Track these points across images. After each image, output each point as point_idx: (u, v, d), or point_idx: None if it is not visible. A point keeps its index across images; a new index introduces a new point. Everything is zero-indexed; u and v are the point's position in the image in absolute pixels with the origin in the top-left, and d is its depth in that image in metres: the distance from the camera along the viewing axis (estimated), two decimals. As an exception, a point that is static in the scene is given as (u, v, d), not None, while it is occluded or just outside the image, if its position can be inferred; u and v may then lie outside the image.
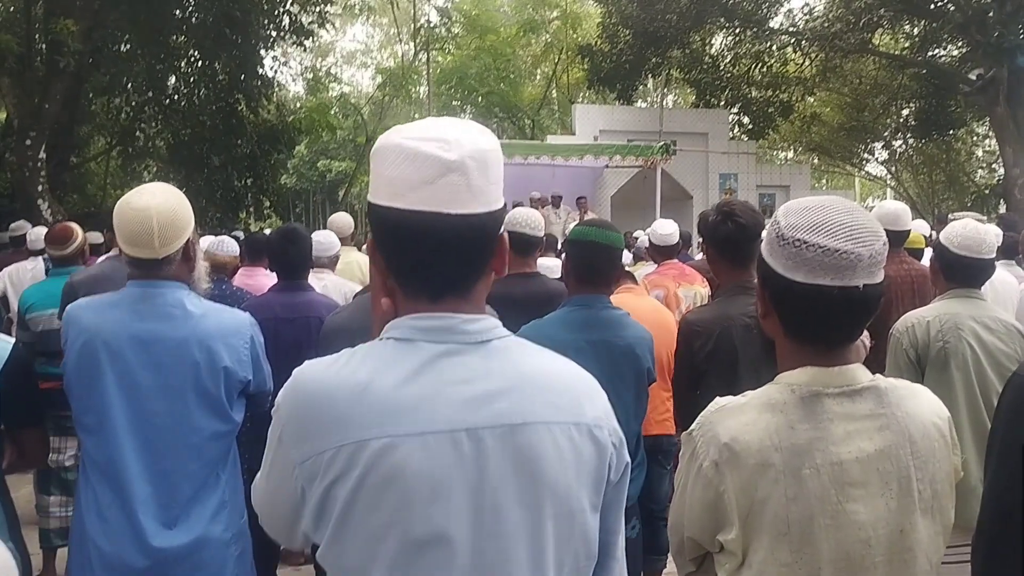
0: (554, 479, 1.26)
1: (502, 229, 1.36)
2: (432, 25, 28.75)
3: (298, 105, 28.68)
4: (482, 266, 1.33)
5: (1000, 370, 3.17)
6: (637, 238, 9.74)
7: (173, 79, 17.91)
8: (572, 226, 4.78)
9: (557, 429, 1.28)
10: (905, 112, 25.06)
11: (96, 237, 8.05)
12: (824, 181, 38.18)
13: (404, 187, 1.25)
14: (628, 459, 1.40)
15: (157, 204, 2.53)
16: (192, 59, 17.67)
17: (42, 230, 7.09)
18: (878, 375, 1.62)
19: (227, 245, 5.28)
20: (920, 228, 6.63)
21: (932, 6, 16.99)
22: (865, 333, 3.73)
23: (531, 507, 1.25)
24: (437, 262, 1.28)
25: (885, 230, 4.54)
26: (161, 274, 2.59)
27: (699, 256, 8.00)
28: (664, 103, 22.29)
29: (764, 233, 1.70)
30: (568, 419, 1.29)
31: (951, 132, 23.74)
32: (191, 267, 2.69)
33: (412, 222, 1.25)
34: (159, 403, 2.55)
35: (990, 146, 26.59)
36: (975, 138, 27.95)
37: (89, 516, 2.54)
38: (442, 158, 1.25)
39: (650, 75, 22.58)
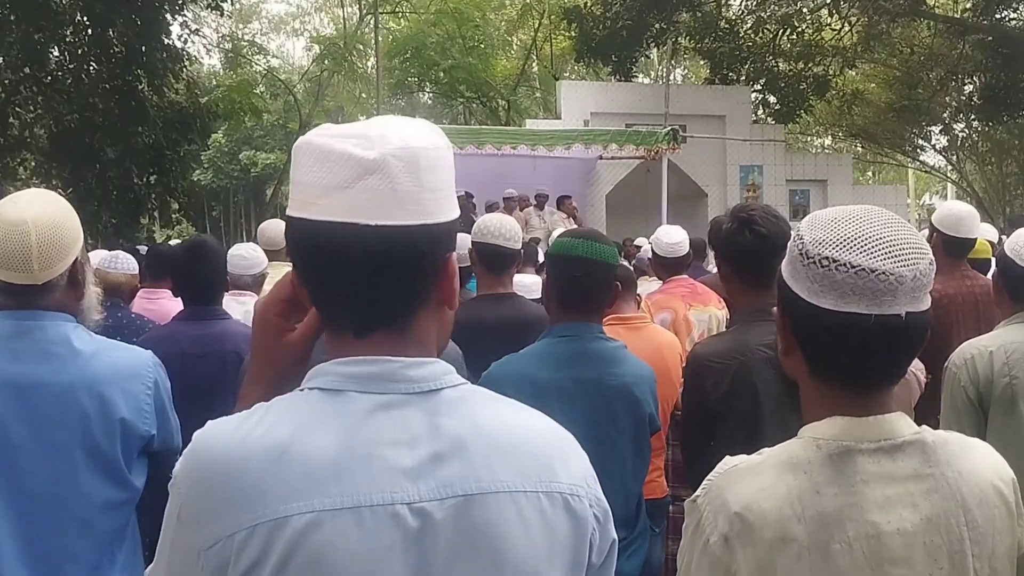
0: (519, 562, 1.27)
1: (454, 248, 1.37)
2: (382, -18, 28.86)
3: (214, 83, 28.65)
4: (418, 294, 1.33)
5: None
6: (639, 248, 9.77)
7: (56, 51, 17.82)
8: (557, 233, 4.80)
9: (523, 499, 1.28)
10: (968, 88, 25.34)
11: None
12: (870, 174, 38.58)
13: (314, 193, 1.27)
14: (614, 535, 1.41)
15: (36, 216, 2.50)
16: (80, 26, 17.59)
17: None
18: (924, 427, 1.62)
19: (123, 261, 5.26)
20: (987, 233, 6.61)
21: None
22: (919, 365, 3.79)
23: None
24: (356, 286, 1.29)
25: (947, 236, 4.59)
26: (41, 303, 2.56)
27: (715, 269, 8.04)
28: (671, 79, 22.35)
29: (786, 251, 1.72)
30: (537, 487, 1.30)
31: (1024, 113, 24.03)
32: (79, 294, 2.66)
33: (323, 235, 1.27)
34: (38, 465, 2.51)
35: (1073, 130, 26.93)
36: (1054, 120, 28.35)
37: None
38: (357, 156, 1.26)
39: (653, 44, 22.65)
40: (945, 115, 28.16)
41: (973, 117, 26.16)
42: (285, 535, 1.19)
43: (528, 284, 5.02)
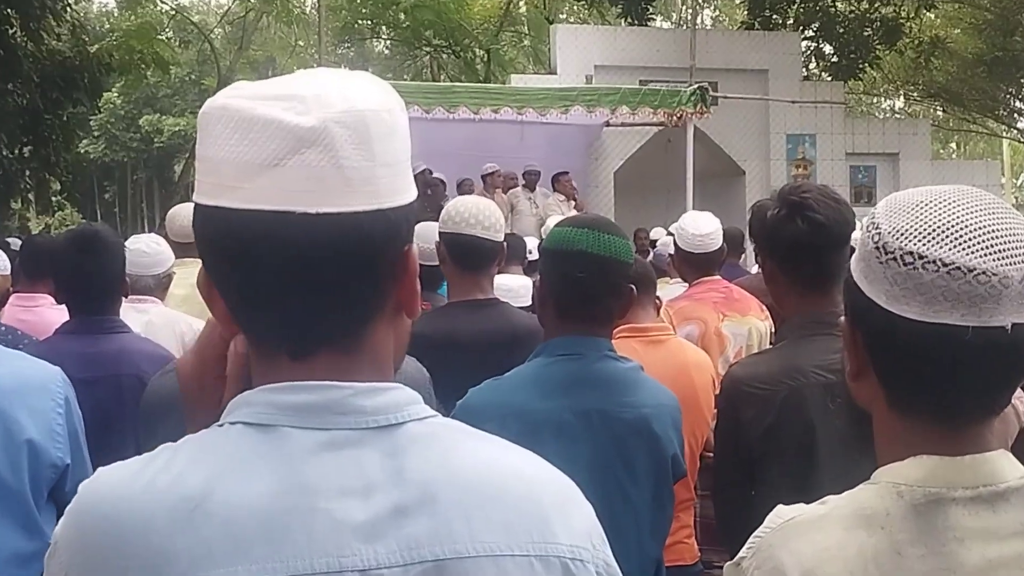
0: None
1: (413, 239, 1.36)
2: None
3: (107, 28, 28.63)
4: (372, 299, 1.32)
5: None
6: (655, 241, 9.80)
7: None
8: (553, 221, 4.79)
9: (511, 565, 1.27)
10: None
11: None
12: (953, 145, 38.79)
13: (232, 174, 1.24)
14: None
15: None
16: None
17: None
18: (1035, 469, 1.62)
19: None
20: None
21: None
22: (1019, 393, 3.82)
23: None
24: (292, 294, 1.27)
25: None
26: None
27: (756, 268, 8.06)
28: (698, 23, 22.42)
29: (856, 241, 1.71)
30: (528, 549, 1.29)
31: None
32: None
33: (246, 229, 1.23)
34: None
35: None
36: None
37: None
38: (290, 124, 1.23)
39: (675, -22, 22.80)
40: (1050, 70, 28.31)
41: (1087, 72, 26.31)
42: None
43: (515, 287, 5.02)
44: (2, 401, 2.56)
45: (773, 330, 5.63)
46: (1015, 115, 33.17)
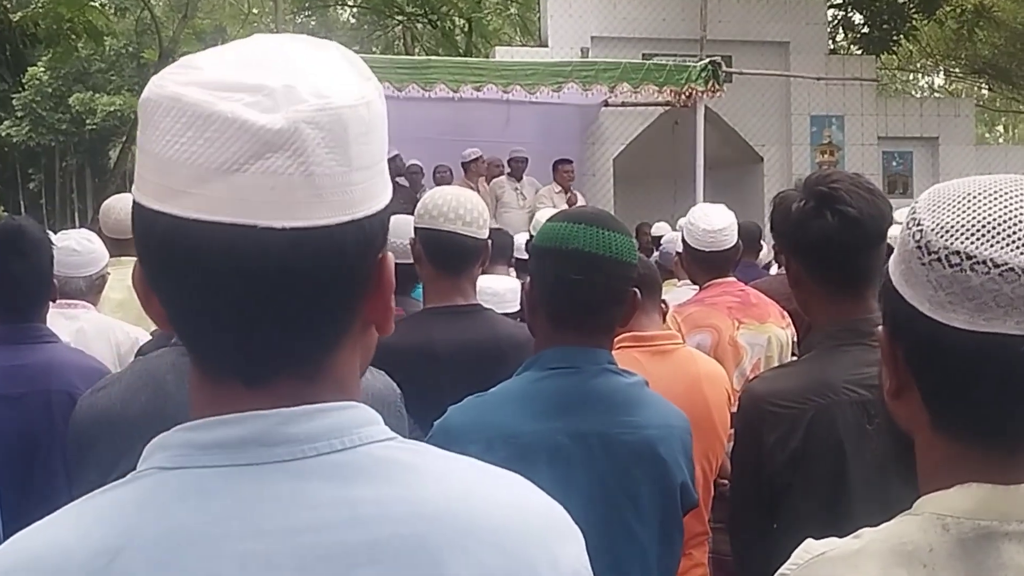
0: None
1: (384, 247, 1.34)
2: None
3: (33, -7, 28.60)
4: (341, 319, 1.32)
5: None
6: (660, 237, 9.83)
7: None
8: (544, 216, 4.79)
9: None
10: None
11: None
12: (1000, 129, 38.91)
13: (184, 177, 1.19)
14: None
15: None
16: None
17: None
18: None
19: None
20: None
21: None
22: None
23: None
24: (250, 316, 1.24)
25: None
26: None
27: (776, 269, 8.07)
28: (709, -12, 22.47)
29: (895, 239, 1.70)
30: None
31: None
32: None
33: (197, 242, 1.19)
34: None
35: None
36: None
37: None
38: (255, 124, 1.19)
39: (683, -63, 22.85)
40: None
41: None
42: None
43: (501, 291, 5.04)
44: None
45: (796, 339, 5.66)
46: (1071, 95, 33.33)
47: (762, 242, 9.12)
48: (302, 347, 1.28)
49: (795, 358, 5.44)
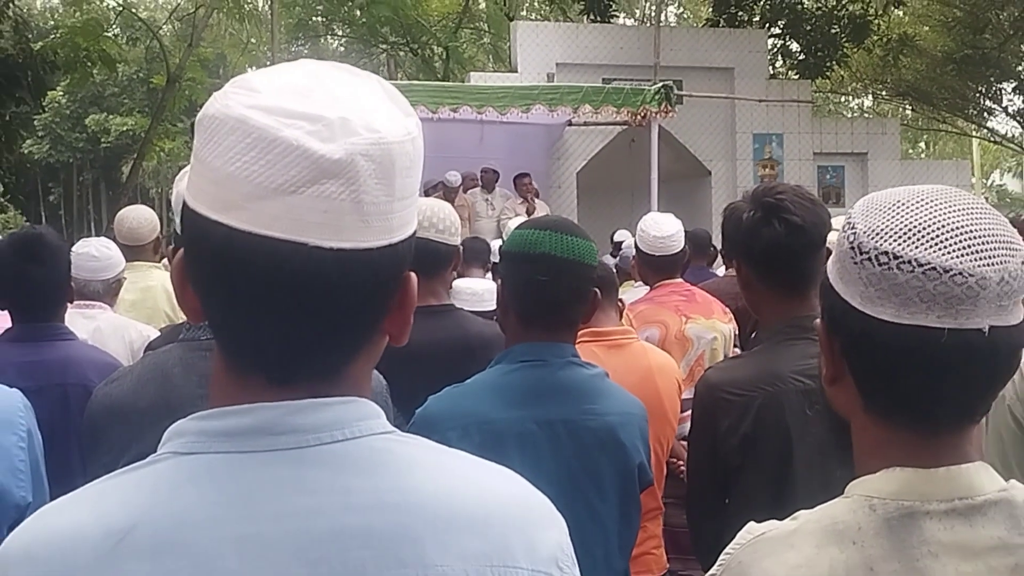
0: None
1: (409, 268, 1.34)
2: None
3: (51, 24, 28.52)
4: (365, 333, 1.32)
5: None
6: (621, 243, 9.83)
7: None
8: (513, 224, 4.78)
9: None
10: (1050, 33, 25.76)
11: None
12: (923, 145, 39.14)
13: (244, 193, 1.19)
14: None
15: None
16: None
17: None
18: (1013, 481, 1.62)
19: None
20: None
21: None
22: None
23: None
24: (288, 323, 1.25)
25: None
26: None
27: (722, 271, 8.08)
28: (662, 20, 22.51)
29: (834, 244, 1.71)
30: (486, 573, 1.28)
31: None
32: None
33: (251, 253, 1.20)
34: None
35: None
36: None
37: None
38: (315, 153, 1.19)
39: (638, -27, 22.86)
40: (1020, 68, 28.57)
41: (1057, 70, 26.59)
42: None
43: (479, 291, 5.04)
44: None
45: (737, 334, 5.68)
46: (985, 114, 33.47)
47: (712, 246, 9.14)
48: (328, 353, 1.29)
49: (737, 351, 5.48)
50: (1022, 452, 3.31)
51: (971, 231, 1.52)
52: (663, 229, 5.98)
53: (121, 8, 33.20)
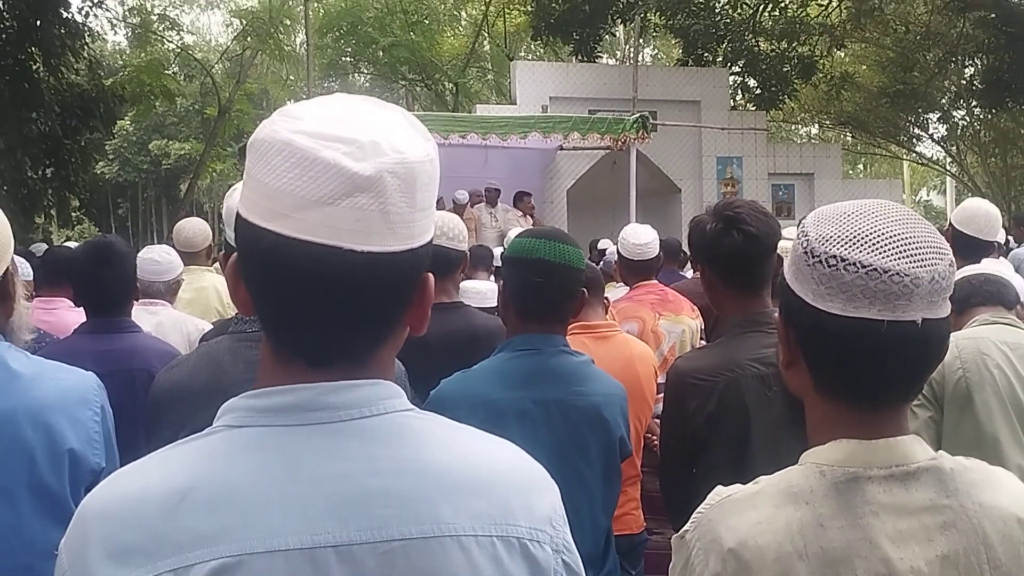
0: None
1: (428, 269, 1.35)
2: (311, -50, 28.70)
3: (120, 63, 28.49)
4: (390, 324, 1.33)
5: None
6: (604, 251, 9.82)
7: (-65, 26, 17.63)
8: (513, 233, 4.79)
9: (473, 544, 1.27)
10: (968, 71, 25.74)
11: None
12: (861, 166, 39.13)
13: (289, 204, 1.22)
14: None
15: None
16: (-36, -2, 17.42)
17: None
18: (942, 452, 1.63)
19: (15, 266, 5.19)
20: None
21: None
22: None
23: None
24: (324, 316, 1.26)
25: (972, 239, 4.85)
26: (-36, 322, 2.49)
27: (691, 273, 8.08)
28: (639, 60, 22.49)
29: (788, 249, 1.72)
30: (490, 530, 1.29)
31: (1031, 99, 24.40)
32: (8, 310, 2.57)
33: (294, 255, 1.22)
34: None
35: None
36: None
37: None
38: (349, 170, 1.21)
39: (619, 21, 22.81)
40: (943, 101, 28.62)
41: (974, 103, 26.61)
42: None
43: (483, 291, 5.03)
44: (46, 414, 2.48)
45: (703, 328, 5.68)
46: (913, 140, 33.46)
47: (682, 252, 9.14)
48: (359, 341, 1.31)
49: (704, 343, 5.47)
50: (931, 421, 3.43)
51: (906, 238, 1.54)
52: (640, 237, 5.98)
53: (180, 50, 33.20)
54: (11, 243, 2.55)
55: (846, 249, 1.54)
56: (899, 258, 1.52)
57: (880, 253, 1.52)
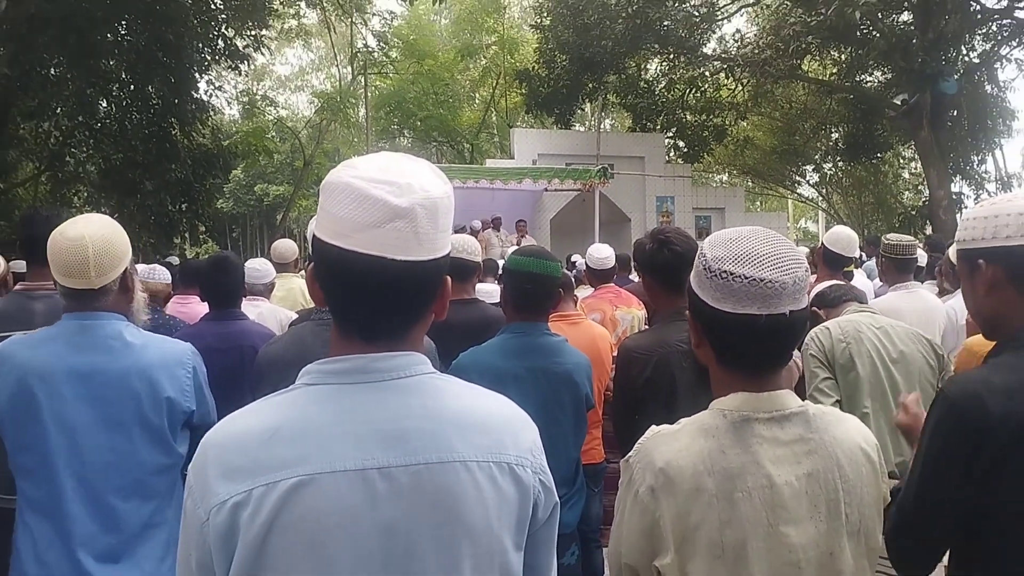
0: (473, 519, 1.27)
1: (448, 274, 1.37)
2: (370, 50, 28.61)
3: (234, 129, 28.42)
4: (420, 312, 1.34)
5: (907, 368, 3.43)
6: (576, 262, 9.80)
7: (104, 103, 17.65)
8: (511, 250, 4.79)
9: (476, 468, 1.29)
10: (834, 136, 25.67)
11: (22, 265, 7.86)
12: (758, 203, 38.94)
13: (349, 227, 1.25)
14: (557, 499, 1.42)
15: (92, 233, 2.48)
16: (125, 82, 17.42)
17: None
18: (807, 401, 1.65)
19: (158, 273, 5.37)
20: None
21: (858, 34, 17.37)
22: (797, 355, 3.89)
23: (447, 548, 1.26)
24: (374, 305, 1.28)
25: (837, 256, 4.84)
26: (98, 306, 2.52)
27: (636, 279, 8.07)
28: (601, 127, 22.45)
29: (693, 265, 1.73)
30: (489, 457, 1.30)
31: (878, 155, 24.34)
32: (129, 298, 2.63)
33: (353, 263, 1.25)
34: (100, 437, 2.47)
35: (916, 168, 27.34)
36: (901, 161, 28.80)
37: (28, 560, 2.44)
38: (391, 203, 1.24)
39: (587, 100, 22.73)
40: (817, 157, 28.52)
41: (839, 158, 26.52)
42: (274, 496, 1.20)
43: (490, 291, 5.02)
44: (150, 372, 2.54)
45: (646, 317, 5.68)
46: (795, 184, 33.41)
47: (631, 265, 9.11)
48: (399, 324, 1.32)
49: (646, 327, 5.46)
50: (826, 379, 3.46)
51: (774, 255, 1.56)
52: (602, 253, 6.07)
53: (276, 120, 33.17)
54: (129, 251, 2.62)
55: (733, 266, 1.56)
56: (770, 270, 1.54)
57: (757, 267, 1.55)
